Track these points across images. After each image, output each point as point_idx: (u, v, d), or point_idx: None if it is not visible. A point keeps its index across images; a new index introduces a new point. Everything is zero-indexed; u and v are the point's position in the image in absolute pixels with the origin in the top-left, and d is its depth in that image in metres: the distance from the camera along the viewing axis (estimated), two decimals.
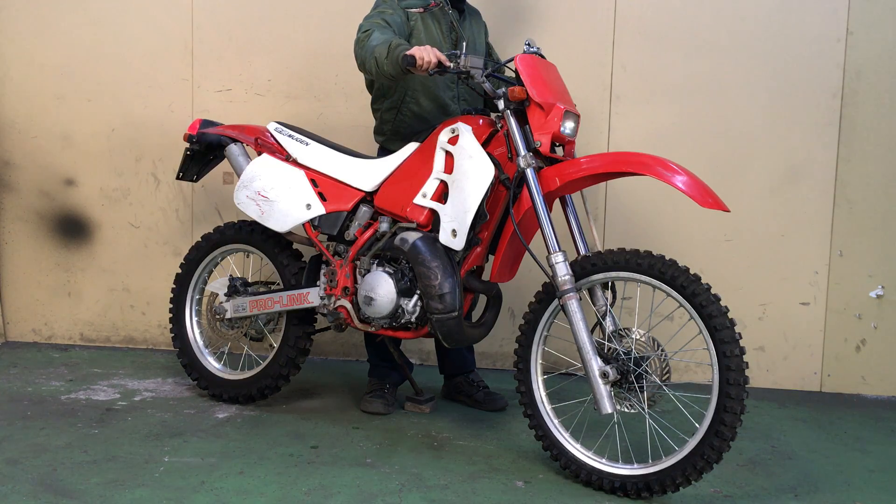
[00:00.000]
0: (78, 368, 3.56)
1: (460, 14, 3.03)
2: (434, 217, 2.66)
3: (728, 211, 2.32)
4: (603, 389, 2.30)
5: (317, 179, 2.89)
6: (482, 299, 2.93)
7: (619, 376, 2.34)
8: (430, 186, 2.64)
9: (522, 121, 2.54)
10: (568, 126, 2.51)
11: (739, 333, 2.25)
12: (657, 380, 2.32)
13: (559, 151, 2.58)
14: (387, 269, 2.72)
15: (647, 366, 2.33)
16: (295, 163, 2.94)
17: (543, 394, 2.54)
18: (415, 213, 2.66)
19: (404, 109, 2.96)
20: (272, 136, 3.02)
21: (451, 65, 2.55)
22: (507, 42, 3.52)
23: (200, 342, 3.21)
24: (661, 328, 3.11)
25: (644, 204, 3.59)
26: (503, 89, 2.54)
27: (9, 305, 4.01)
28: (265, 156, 2.96)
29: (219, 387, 3.11)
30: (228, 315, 3.09)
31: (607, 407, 2.30)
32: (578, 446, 2.47)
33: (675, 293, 2.29)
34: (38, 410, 2.96)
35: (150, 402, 3.10)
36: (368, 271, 2.77)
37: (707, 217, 3.44)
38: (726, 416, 2.21)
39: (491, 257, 2.73)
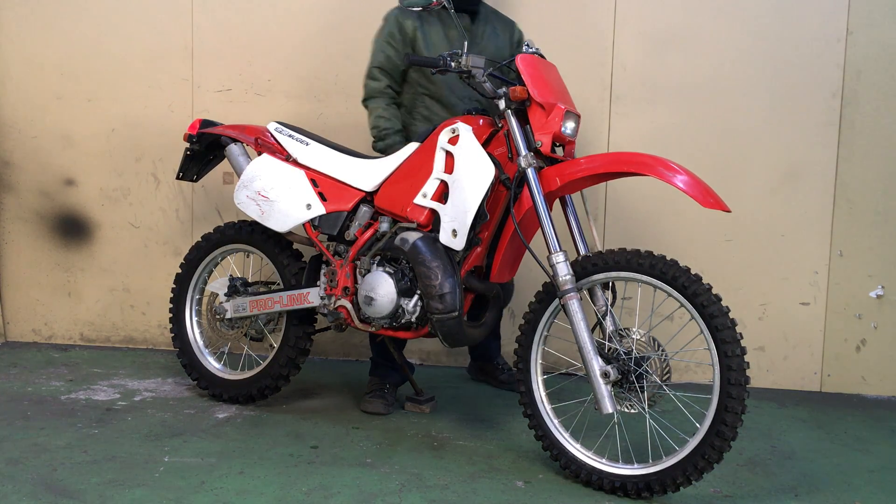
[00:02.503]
0: (78, 368, 3.56)
1: (472, 17, 3.07)
2: (434, 217, 2.66)
3: (729, 211, 2.32)
4: (604, 389, 2.30)
5: (317, 179, 2.89)
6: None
7: (619, 376, 2.34)
8: (431, 186, 2.64)
9: (523, 121, 2.55)
10: (569, 126, 2.51)
11: (740, 333, 2.25)
12: (658, 380, 2.32)
13: (559, 151, 2.58)
14: (387, 269, 2.72)
15: (647, 366, 2.33)
16: (295, 163, 2.94)
17: (543, 394, 2.54)
18: (415, 213, 2.66)
19: (416, 115, 3.04)
20: (272, 136, 3.02)
21: (454, 63, 2.56)
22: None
23: (200, 342, 3.21)
24: (662, 328, 3.11)
25: (644, 204, 3.59)
26: (504, 89, 2.54)
27: (9, 305, 4.01)
28: (265, 156, 2.96)
29: (219, 387, 3.11)
30: (228, 315, 3.09)
31: (608, 407, 2.30)
32: (578, 446, 2.47)
33: (676, 293, 2.29)
34: (38, 410, 2.96)
35: (150, 402, 3.10)
36: (369, 271, 2.77)
37: (707, 217, 3.44)
38: (727, 416, 2.21)
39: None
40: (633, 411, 2.38)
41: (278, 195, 2.88)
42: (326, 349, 3.85)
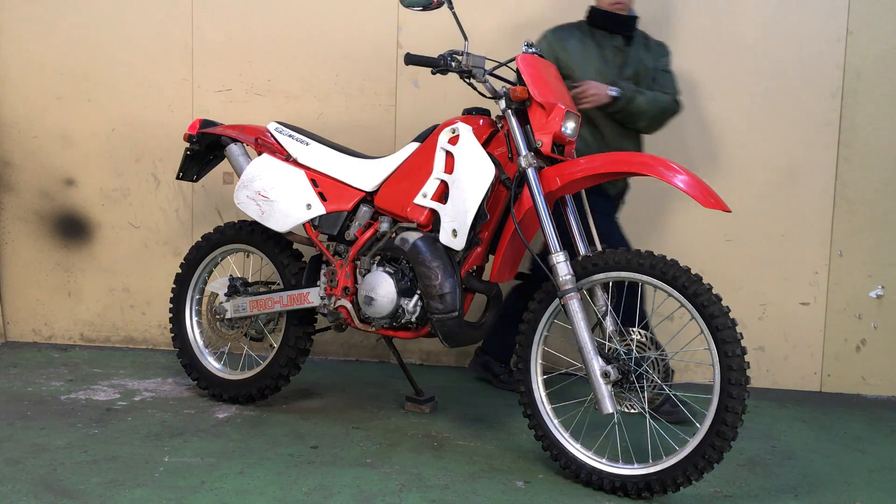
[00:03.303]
0: (78, 368, 3.56)
1: (627, 39, 3.13)
2: (434, 217, 2.66)
3: (730, 211, 2.32)
4: (604, 389, 2.31)
5: (317, 179, 2.89)
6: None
7: (620, 376, 2.34)
8: (431, 186, 2.64)
9: (523, 121, 2.55)
10: (569, 126, 2.51)
11: (741, 333, 2.25)
12: (657, 379, 2.32)
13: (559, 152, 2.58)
14: (387, 269, 2.72)
15: (647, 366, 2.33)
16: (295, 163, 2.94)
17: (543, 394, 2.54)
18: (415, 213, 2.66)
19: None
20: (272, 136, 3.02)
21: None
22: (505, 43, 3.52)
23: (200, 342, 3.21)
24: (662, 328, 3.11)
25: (644, 204, 3.59)
26: (504, 89, 2.54)
27: (9, 305, 4.01)
28: (265, 156, 2.96)
29: (219, 387, 3.11)
30: (228, 315, 3.09)
31: (608, 407, 2.30)
32: (578, 446, 2.47)
33: (676, 293, 2.29)
34: (38, 410, 2.96)
35: (150, 402, 3.09)
36: (369, 271, 2.77)
37: (707, 217, 3.44)
38: (727, 416, 2.21)
39: (491, 257, 2.73)
40: (633, 411, 2.38)
41: (278, 195, 2.88)
42: (326, 349, 3.85)
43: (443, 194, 2.63)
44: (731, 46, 3.51)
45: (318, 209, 2.85)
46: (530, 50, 2.65)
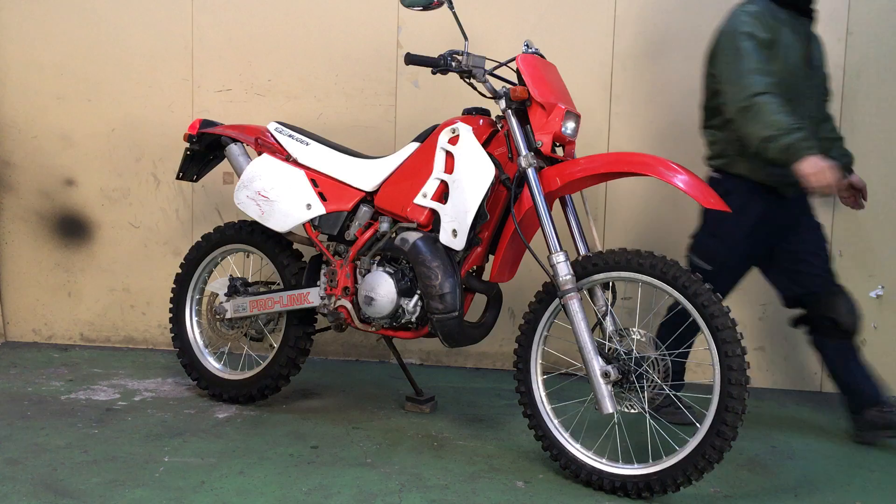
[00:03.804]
0: (78, 368, 3.56)
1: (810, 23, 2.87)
2: (434, 217, 2.66)
3: (730, 211, 2.32)
4: (604, 389, 2.31)
5: (317, 179, 2.89)
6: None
7: (620, 376, 2.34)
8: (431, 186, 2.64)
9: (523, 120, 2.55)
10: (569, 126, 2.51)
11: (741, 333, 2.25)
12: (658, 379, 2.32)
13: (559, 151, 2.58)
14: (387, 269, 2.72)
15: (647, 366, 2.33)
16: (295, 163, 2.94)
17: (543, 394, 2.54)
18: (415, 213, 2.66)
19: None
20: (272, 136, 3.02)
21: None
22: (506, 43, 3.52)
23: (200, 342, 3.21)
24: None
25: (644, 204, 3.59)
26: (504, 89, 2.54)
27: (9, 305, 4.01)
28: (265, 156, 2.96)
29: (219, 387, 3.11)
30: (228, 315, 3.09)
31: (608, 407, 2.30)
32: (578, 446, 2.47)
33: (676, 293, 2.29)
34: (38, 410, 2.96)
35: (150, 402, 3.10)
36: (369, 271, 2.77)
37: None
38: (728, 416, 2.21)
39: (491, 257, 2.73)
40: (633, 411, 2.38)
41: (278, 195, 2.88)
42: (326, 349, 3.85)
43: (443, 194, 2.63)
44: None
45: (318, 209, 2.85)
46: (530, 50, 2.65)
